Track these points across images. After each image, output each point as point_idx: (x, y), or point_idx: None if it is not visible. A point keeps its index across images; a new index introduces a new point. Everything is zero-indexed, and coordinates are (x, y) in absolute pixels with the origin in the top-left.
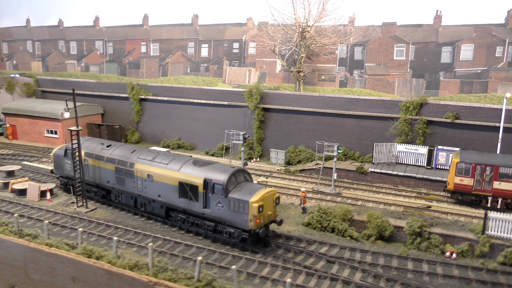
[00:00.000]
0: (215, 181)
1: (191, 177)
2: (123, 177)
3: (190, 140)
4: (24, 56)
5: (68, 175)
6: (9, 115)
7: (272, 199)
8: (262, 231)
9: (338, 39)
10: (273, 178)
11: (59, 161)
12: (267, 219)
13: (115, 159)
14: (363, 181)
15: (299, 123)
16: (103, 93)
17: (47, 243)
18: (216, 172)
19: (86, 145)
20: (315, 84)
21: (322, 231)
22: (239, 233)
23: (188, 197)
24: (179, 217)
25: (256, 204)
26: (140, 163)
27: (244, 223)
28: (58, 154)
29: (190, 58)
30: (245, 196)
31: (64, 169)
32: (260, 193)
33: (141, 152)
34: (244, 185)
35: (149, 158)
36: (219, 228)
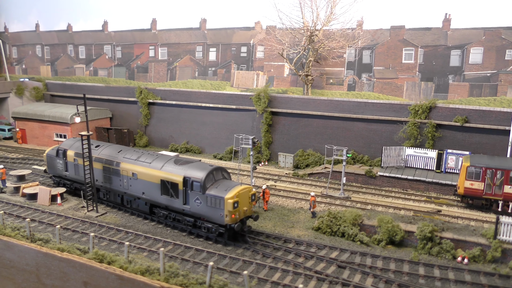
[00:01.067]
0: (194, 179)
1: (172, 175)
2: (110, 176)
3: (198, 144)
4: (33, 61)
5: (59, 174)
6: (18, 119)
7: (247, 196)
8: (237, 226)
9: (346, 43)
10: (282, 182)
11: (51, 161)
12: (243, 215)
13: (103, 158)
14: (372, 185)
15: (307, 127)
16: (112, 97)
17: (59, 248)
18: (195, 170)
19: (76, 145)
20: (323, 87)
21: (332, 236)
22: (216, 228)
23: (169, 194)
24: (161, 213)
25: (231, 200)
26: (125, 162)
27: (221, 218)
28: (50, 155)
29: (198, 62)
30: (221, 193)
31: (56, 168)
32: (235, 190)
33: (126, 152)
34: (221, 183)
35: (134, 157)
36: (198, 224)
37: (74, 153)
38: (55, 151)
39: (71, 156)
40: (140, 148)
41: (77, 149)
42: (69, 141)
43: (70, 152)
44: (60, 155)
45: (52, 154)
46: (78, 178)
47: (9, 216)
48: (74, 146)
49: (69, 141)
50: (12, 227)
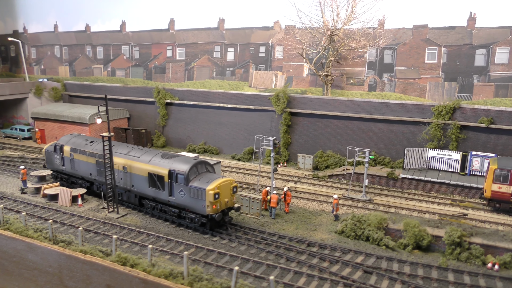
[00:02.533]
0: (178, 172)
1: (158, 168)
2: (103, 170)
3: (216, 144)
4: (51, 61)
5: (57, 169)
6: (38, 120)
7: (229, 188)
8: (218, 216)
9: (367, 42)
10: (302, 184)
11: (49, 156)
12: (224, 206)
13: (96, 153)
14: (394, 187)
15: (326, 128)
16: (129, 97)
17: (82, 250)
18: (179, 163)
19: (72, 141)
20: (343, 88)
21: (356, 240)
22: (198, 218)
23: (156, 186)
24: (149, 205)
25: (212, 191)
26: (116, 157)
27: (203, 209)
28: (48, 150)
29: (216, 62)
30: (203, 185)
31: (54, 163)
32: (216, 182)
33: (118, 147)
34: (204, 175)
35: (124, 152)
36: (182, 214)
37: (70, 149)
38: (53, 147)
39: (67, 151)
40: (158, 148)
41: (73, 144)
42: (66, 137)
43: (66, 148)
44: (58, 151)
45: (50, 149)
46: (73, 172)
47: (30, 217)
48: (70, 142)
49: (66, 137)
50: (35, 229)
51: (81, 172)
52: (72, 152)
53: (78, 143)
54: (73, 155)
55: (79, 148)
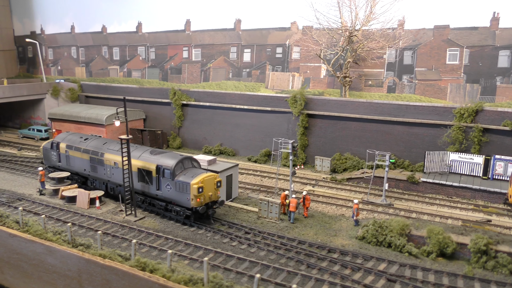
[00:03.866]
0: (165, 167)
1: (147, 164)
2: (96, 166)
3: (232, 146)
4: (68, 62)
5: (53, 165)
6: (55, 120)
7: (213, 182)
8: (202, 209)
9: (386, 43)
10: (320, 187)
11: (47, 153)
12: (208, 199)
13: (90, 149)
14: (414, 191)
15: (344, 130)
16: (145, 98)
17: (101, 254)
18: (166, 159)
19: (68, 138)
20: (361, 89)
21: (378, 246)
22: (183, 211)
23: (145, 181)
24: (139, 198)
25: (196, 185)
26: (108, 153)
27: (187, 202)
28: (46, 147)
29: (232, 63)
30: (187, 179)
31: (50, 160)
32: (200, 176)
33: (110, 144)
34: (190, 170)
35: (116, 148)
36: (169, 207)
37: (65, 145)
38: (50, 144)
39: (63, 148)
40: (173, 150)
41: (69, 141)
42: (62, 134)
43: (62, 145)
44: (54, 148)
45: (47, 146)
46: (69, 168)
47: (49, 219)
48: (66, 139)
49: (62, 135)
50: (54, 231)
51: (76, 168)
52: (68, 149)
53: (73, 140)
54: (68, 152)
55: (74, 145)
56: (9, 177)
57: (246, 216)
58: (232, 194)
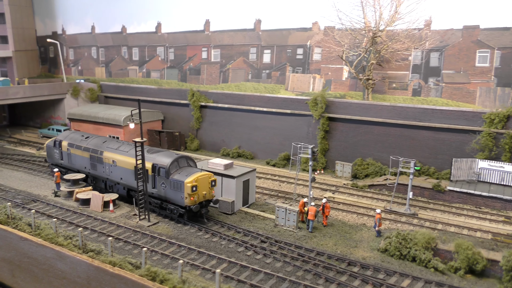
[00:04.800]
0: (160, 165)
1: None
2: (95, 163)
3: (250, 149)
4: (88, 62)
5: (56, 162)
6: (74, 120)
7: (207, 181)
8: (195, 207)
9: (412, 44)
10: (340, 194)
11: (50, 151)
12: (202, 198)
13: (90, 148)
14: (440, 201)
15: (367, 134)
16: (164, 99)
17: (111, 261)
18: (162, 158)
19: (70, 136)
20: (385, 92)
21: (401, 260)
22: (177, 209)
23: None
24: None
25: (190, 184)
26: (107, 151)
27: (181, 200)
28: (49, 145)
29: (251, 64)
30: (182, 178)
31: (53, 157)
32: (195, 175)
33: (110, 142)
34: (185, 169)
35: (115, 147)
36: (164, 205)
37: (67, 143)
38: (53, 142)
39: (65, 146)
40: (191, 152)
41: (70, 139)
42: (65, 133)
43: (64, 143)
44: (57, 146)
45: (51, 144)
46: (70, 165)
47: (62, 223)
48: (68, 137)
49: (65, 133)
50: (65, 236)
51: (77, 165)
52: (69, 147)
53: (75, 138)
54: (70, 150)
55: (75, 143)
56: (26, 178)
57: (262, 224)
58: (248, 200)
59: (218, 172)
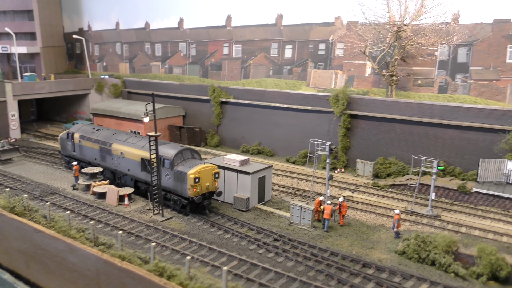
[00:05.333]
0: (165, 157)
1: (149, 154)
2: (105, 155)
3: (270, 146)
4: (113, 58)
5: (69, 154)
6: (97, 115)
7: (210, 173)
8: (198, 198)
9: (438, 39)
10: (360, 193)
11: (63, 143)
12: (205, 190)
13: (100, 140)
14: (465, 203)
15: (389, 132)
16: (185, 95)
17: (120, 255)
18: (167, 149)
19: (82, 129)
20: (409, 89)
21: (420, 263)
22: (180, 200)
23: (147, 170)
24: (143, 187)
25: (193, 175)
26: (116, 143)
27: (184, 191)
28: (63, 137)
29: (273, 60)
30: (185, 169)
31: (66, 149)
32: (198, 167)
33: (118, 134)
34: (189, 161)
35: (123, 139)
36: (168, 196)
37: (79, 136)
38: (66, 135)
39: (77, 138)
40: (211, 148)
41: (82, 132)
42: (78, 125)
43: (76, 135)
44: (69, 138)
45: (64, 137)
46: (82, 157)
47: (77, 215)
48: (80, 130)
49: (77, 126)
50: (78, 229)
51: (88, 157)
52: (81, 139)
53: (86, 131)
54: (81, 142)
55: (86, 135)
56: (47, 171)
57: (277, 222)
58: (264, 197)
59: (234, 168)
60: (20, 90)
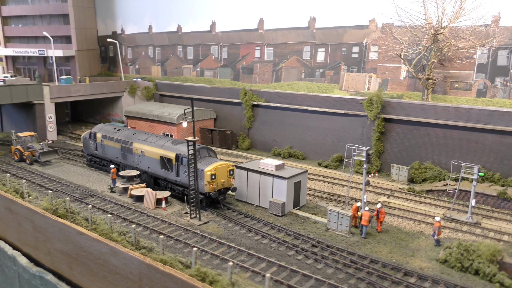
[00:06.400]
0: (183, 155)
1: (168, 152)
2: (126, 154)
3: (302, 149)
4: (145, 61)
5: (91, 153)
6: (130, 118)
7: (226, 170)
8: (214, 194)
9: (477, 42)
10: (396, 199)
11: (86, 142)
12: (220, 186)
13: (121, 139)
14: (506, 209)
15: (425, 137)
16: (216, 98)
17: (162, 260)
18: (185, 148)
19: (104, 129)
20: (446, 93)
21: (463, 272)
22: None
23: (166, 168)
24: (162, 184)
25: (209, 172)
26: (136, 142)
27: (201, 187)
28: (85, 137)
29: (305, 63)
30: (202, 166)
31: (89, 148)
32: (214, 164)
33: (138, 134)
34: (206, 159)
35: (143, 138)
36: (185, 192)
37: (101, 135)
38: (88, 134)
39: (99, 137)
40: (242, 151)
41: (104, 132)
42: (99, 125)
43: (98, 135)
44: (92, 137)
45: (87, 136)
46: (104, 156)
47: (116, 218)
48: (102, 130)
49: (99, 126)
50: (119, 232)
51: (109, 155)
52: (103, 138)
53: (108, 131)
54: (103, 141)
55: (108, 135)
56: (84, 172)
57: (313, 227)
58: (300, 202)
59: (269, 173)
60: (57, 93)
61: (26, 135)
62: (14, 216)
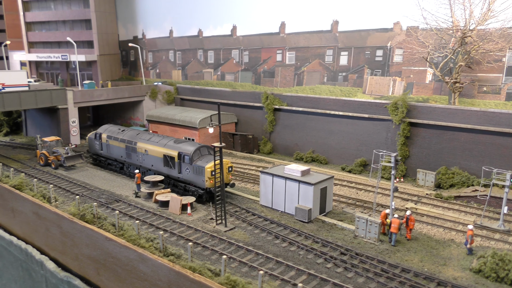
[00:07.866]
0: (185, 153)
1: (170, 151)
2: (130, 153)
3: (324, 153)
4: (166, 65)
5: (96, 152)
6: (152, 122)
7: (225, 167)
8: (213, 189)
9: (506, 44)
10: (424, 205)
11: (91, 142)
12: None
13: (125, 139)
14: None
15: (452, 141)
16: (237, 102)
17: (191, 267)
18: (186, 146)
19: (109, 129)
20: (474, 96)
21: (498, 283)
22: (197, 190)
23: (169, 165)
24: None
25: (210, 169)
26: (140, 142)
27: (202, 183)
28: (91, 137)
29: (327, 67)
30: (203, 164)
31: (94, 148)
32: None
33: (142, 134)
34: (206, 157)
35: (146, 138)
36: (187, 188)
37: (106, 136)
38: (94, 135)
39: (104, 138)
40: (264, 155)
41: (109, 132)
42: (104, 126)
43: (104, 135)
44: (97, 137)
45: (92, 137)
46: (108, 155)
47: (142, 224)
48: (107, 130)
49: (104, 126)
50: (146, 238)
51: (114, 155)
52: (108, 138)
53: (112, 131)
54: (108, 141)
55: (113, 135)
56: (109, 177)
57: (341, 234)
58: (326, 208)
59: (295, 178)
60: (80, 97)
61: (51, 140)
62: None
